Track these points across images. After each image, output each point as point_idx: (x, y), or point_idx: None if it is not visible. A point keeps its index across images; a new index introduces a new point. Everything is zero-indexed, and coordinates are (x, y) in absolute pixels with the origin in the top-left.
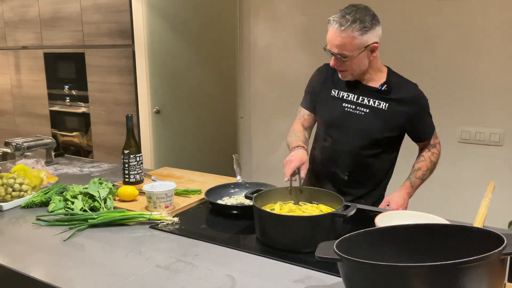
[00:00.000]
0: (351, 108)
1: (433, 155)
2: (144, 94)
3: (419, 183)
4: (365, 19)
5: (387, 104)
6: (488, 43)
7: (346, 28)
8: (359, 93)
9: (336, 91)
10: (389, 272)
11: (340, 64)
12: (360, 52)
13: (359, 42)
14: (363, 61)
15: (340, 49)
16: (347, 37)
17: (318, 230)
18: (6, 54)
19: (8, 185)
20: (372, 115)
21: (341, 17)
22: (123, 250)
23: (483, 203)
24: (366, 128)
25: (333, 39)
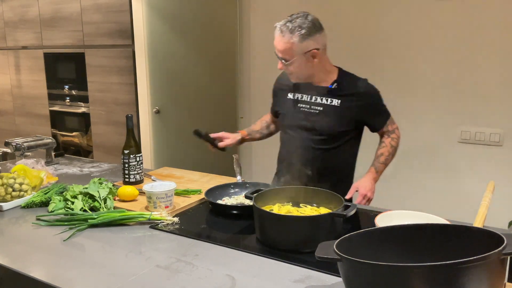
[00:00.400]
0: (306, 108)
1: (393, 140)
2: (144, 94)
3: (383, 167)
4: (303, 26)
5: (339, 101)
6: (488, 43)
7: (286, 35)
8: (312, 93)
9: (292, 94)
10: (389, 272)
11: (285, 68)
12: (300, 58)
13: (297, 48)
14: (306, 65)
15: (283, 54)
16: (287, 43)
17: (318, 230)
18: (6, 54)
19: (8, 185)
20: (326, 112)
21: (283, 24)
22: (123, 250)
23: (483, 203)
24: (321, 125)
25: (277, 45)
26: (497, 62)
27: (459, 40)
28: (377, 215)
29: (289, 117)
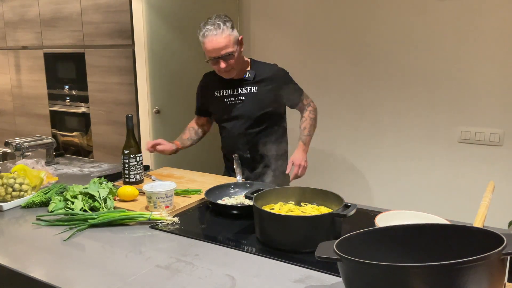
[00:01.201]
0: (231, 100)
1: (310, 113)
2: (144, 94)
3: (309, 139)
4: (226, 19)
5: (257, 87)
6: (488, 43)
7: (223, 29)
8: (233, 86)
9: (217, 91)
10: (389, 272)
11: (228, 63)
12: (237, 46)
13: (234, 37)
14: (240, 54)
15: (226, 49)
16: (226, 36)
17: (318, 230)
18: (6, 54)
19: (8, 185)
20: (248, 100)
21: (211, 25)
22: (123, 250)
23: (483, 203)
24: (246, 112)
25: (217, 44)
26: (497, 62)
27: (459, 40)
28: (377, 215)
29: (220, 112)
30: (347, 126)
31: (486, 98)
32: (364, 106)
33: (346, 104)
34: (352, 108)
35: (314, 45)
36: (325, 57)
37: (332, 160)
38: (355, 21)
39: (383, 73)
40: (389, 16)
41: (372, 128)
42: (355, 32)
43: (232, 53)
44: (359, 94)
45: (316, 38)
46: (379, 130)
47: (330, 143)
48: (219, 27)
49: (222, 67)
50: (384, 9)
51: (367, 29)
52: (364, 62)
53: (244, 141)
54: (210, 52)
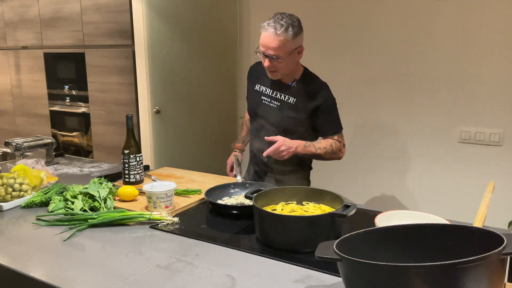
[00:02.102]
0: (267, 101)
1: (335, 144)
2: (144, 94)
3: (312, 150)
4: (295, 24)
5: (295, 99)
6: (488, 43)
7: (282, 32)
8: (274, 87)
9: (258, 86)
10: (389, 272)
11: (273, 65)
12: (291, 54)
13: (291, 45)
14: (293, 61)
15: (276, 51)
16: (283, 40)
17: (318, 230)
18: (6, 54)
19: (8, 185)
20: (282, 108)
21: (276, 22)
22: (123, 250)
23: (483, 203)
24: (277, 120)
25: (270, 42)
26: (497, 62)
27: (459, 40)
28: (377, 215)
29: (253, 107)
30: (347, 126)
31: (486, 98)
32: (364, 106)
33: (346, 104)
34: (352, 108)
35: (314, 46)
36: (324, 58)
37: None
38: (355, 22)
39: (383, 73)
40: (389, 17)
41: (372, 128)
42: (355, 32)
43: (279, 57)
44: (359, 94)
45: (316, 39)
46: (379, 130)
47: None
48: (281, 27)
49: (266, 65)
50: (384, 9)
51: (367, 29)
52: (364, 62)
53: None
54: (262, 46)
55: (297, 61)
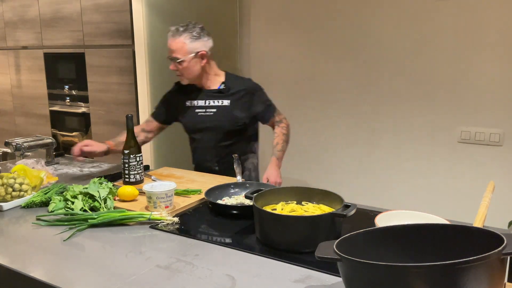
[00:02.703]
0: (202, 111)
1: (283, 129)
2: (144, 94)
3: (282, 154)
4: (193, 30)
5: (229, 101)
6: (488, 43)
7: (179, 36)
8: (205, 98)
9: (189, 101)
10: (389, 272)
11: (176, 68)
12: (191, 57)
13: (188, 48)
14: (195, 65)
15: (175, 53)
16: (179, 42)
17: (318, 230)
18: (6, 54)
19: (8, 185)
20: (219, 113)
21: (175, 28)
22: (123, 250)
23: (483, 203)
24: (217, 124)
25: (169, 45)
26: (497, 62)
27: (459, 40)
28: (377, 215)
29: (190, 123)
30: (347, 126)
31: (486, 98)
32: (364, 106)
33: (346, 104)
34: (352, 108)
35: (314, 45)
36: (324, 58)
37: (332, 160)
38: (355, 22)
39: (383, 73)
40: (389, 17)
41: (372, 128)
42: (355, 32)
43: (180, 60)
44: (359, 94)
45: (316, 39)
46: (379, 130)
47: (330, 143)
48: (177, 31)
49: (171, 68)
50: (384, 9)
51: (367, 28)
52: (364, 62)
53: (214, 154)
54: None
55: (203, 65)
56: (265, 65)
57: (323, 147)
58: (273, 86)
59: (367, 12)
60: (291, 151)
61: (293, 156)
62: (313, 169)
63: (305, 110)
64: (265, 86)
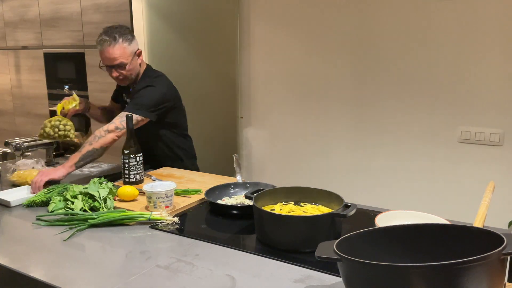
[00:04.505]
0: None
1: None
2: None
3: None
4: (125, 32)
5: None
6: (488, 43)
7: (116, 43)
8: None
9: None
10: (389, 272)
11: (119, 73)
12: (132, 58)
13: (129, 51)
14: (136, 65)
15: (119, 60)
16: (120, 48)
17: (318, 230)
18: (6, 54)
19: (55, 126)
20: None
21: (109, 36)
22: (123, 250)
23: (483, 203)
24: None
25: (109, 54)
26: (497, 62)
27: (459, 40)
28: (377, 215)
29: None
30: (347, 126)
31: (486, 98)
32: (364, 105)
33: (346, 103)
34: (352, 108)
35: (314, 45)
36: (324, 57)
37: (332, 160)
38: (355, 21)
39: (383, 73)
40: (389, 16)
41: (372, 128)
42: (355, 32)
43: (124, 64)
44: (359, 93)
45: (316, 38)
46: (379, 130)
47: (330, 142)
48: (114, 39)
49: (114, 76)
50: (384, 8)
51: (367, 28)
52: (364, 61)
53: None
54: (104, 60)
55: (139, 63)
56: (265, 65)
57: (323, 147)
58: (273, 85)
59: (367, 12)
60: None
61: (293, 155)
62: (313, 169)
63: (305, 109)
64: (265, 86)
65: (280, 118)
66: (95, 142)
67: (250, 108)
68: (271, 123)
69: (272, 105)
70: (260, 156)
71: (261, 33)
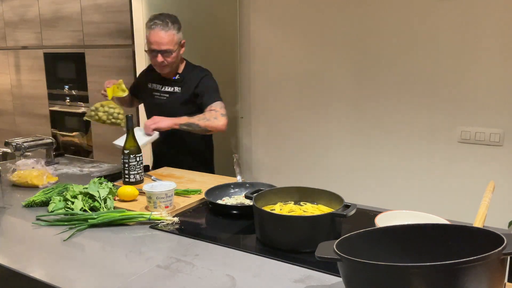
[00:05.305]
0: (157, 95)
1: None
2: None
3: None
4: (176, 21)
5: (180, 88)
6: (488, 43)
7: (168, 28)
8: (161, 83)
9: (150, 84)
10: (389, 272)
11: (165, 59)
12: (178, 48)
13: (177, 39)
14: (178, 55)
15: (166, 46)
16: (172, 34)
17: (318, 230)
18: (6, 54)
19: (110, 114)
20: (170, 99)
21: (162, 21)
22: (123, 250)
23: (483, 203)
24: (166, 109)
25: (160, 39)
26: (497, 62)
27: (459, 40)
28: (377, 215)
29: (147, 104)
30: (347, 125)
31: (486, 98)
32: (364, 105)
33: (346, 103)
34: (352, 108)
35: (314, 45)
36: (324, 57)
37: (332, 160)
38: (355, 21)
39: (383, 73)
40: (389, 16)
41: (372, 128)
42: (355, 31)
43: (172, 51)
44: (359, 93)
45: (316, 38)
46: (379, 130)
47: (330, 142)
48: (166, 24)
49: (159, 61)
50: (384, 8)
51: (367, 28)
52: (364, 61)
53: (166, 138)
54: (152, 44)
55: (181, 54)
56: (265, 65)
57: (323, 147)
58: (273, 85)
59: (367, 12)
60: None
61: (293, 155)
62: (313, 169)
63: (305, 109)
64: (265, 85)
65: (280, 118)
66: (203, 121)
67: (250, 108)
68: (271, 123)
69: (272, 105)
70: (260, 156)
71: (261, 33)
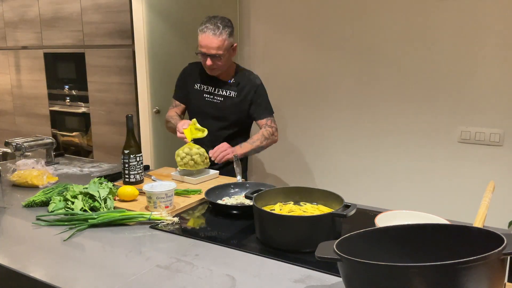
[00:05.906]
0: (210, 98)
1: (266, 131)
2: (144, 94)
3: (249, 147)
4: (229, 25)
5: (236, 93)
6: (488, 43)
7: (219, 32)
8: (215, 85)
9: (198, 85)
10: (389, 272)
11: (214, 63)
12: (228, 52)
13: (228, 43)
14: (229, 59)
15: (217, 50)
16: (222, 40)
17: (318, 230)
18: (6, 54)
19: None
20: (226, 102)
21: (213, 25)
22: (123, 250)
23: (483, 203)
24: (223, 113)
25: (210, 43)
26: (497, 62)
27: (459, 40)
28: (377, 215)
29: (196, 106)
30: (347, 125)
31: (486, 98)
32: (364, 105)
33: (346, 103)
34: (351, 108)
35: (314, 45)
36: (324, 57)
37: (332, 160)
38: (355, 21)
39: (383, 73)
40: (390, 16)
41: (372, 128)
42: (355, 31)
43: (221, 56)
44: (359, 93)
45: (316, 38)
46: (379, 130)
47: (330, 142)
48: (218, 28)
49: (208, 64)
50: (384, 8)
51: (367, 28)
52: (364, 61)
53: (212, 139)
54: (202, 47)
55: (232, 57)
56: (265, 66)
57: (323, 147)
58: (273, 85)
59: (367, 13)
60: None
61: (293, 155)
62: (313, 169)
63: (305, 109)
64: (265, 84)
65: (280, 118)
66: (266, 141)
67: None
68: None
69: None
70: (261, 156)
71: (261, 33)
